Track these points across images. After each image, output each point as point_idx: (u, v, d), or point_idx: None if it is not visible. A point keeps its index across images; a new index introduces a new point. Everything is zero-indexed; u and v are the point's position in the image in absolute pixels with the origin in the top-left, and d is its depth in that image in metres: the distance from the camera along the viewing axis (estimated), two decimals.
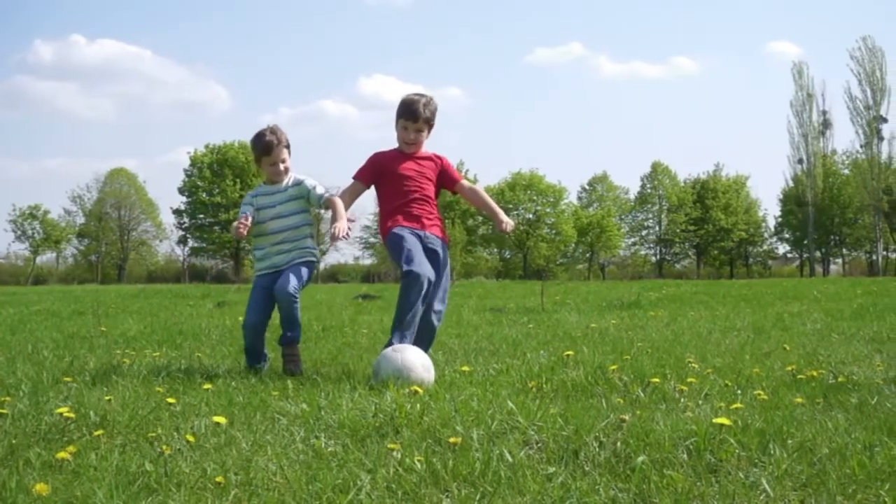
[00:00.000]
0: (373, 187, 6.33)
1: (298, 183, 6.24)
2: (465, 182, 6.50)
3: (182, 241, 79.78)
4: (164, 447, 3.46)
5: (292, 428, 3.92)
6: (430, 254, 5.97)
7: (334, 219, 5.93)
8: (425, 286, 5.69)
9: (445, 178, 6.36)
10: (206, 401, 4.67)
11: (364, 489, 2.89)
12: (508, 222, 6.13)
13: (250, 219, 6.06)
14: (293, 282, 6.03)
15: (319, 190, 6.22)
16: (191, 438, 3.64)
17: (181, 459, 3.31)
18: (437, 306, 6.07)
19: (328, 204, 6.12)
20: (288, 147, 6.25)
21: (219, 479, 3.00)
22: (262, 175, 6.39)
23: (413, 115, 6.12)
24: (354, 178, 6.29)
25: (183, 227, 78.41)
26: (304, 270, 6.21)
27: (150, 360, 6.84)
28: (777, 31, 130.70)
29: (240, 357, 7.00)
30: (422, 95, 6.21)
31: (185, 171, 77.69)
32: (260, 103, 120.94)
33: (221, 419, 3.93)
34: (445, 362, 6.45)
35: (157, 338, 8.99)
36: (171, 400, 4.54)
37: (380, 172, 6.21)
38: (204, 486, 2.99)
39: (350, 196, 6.23)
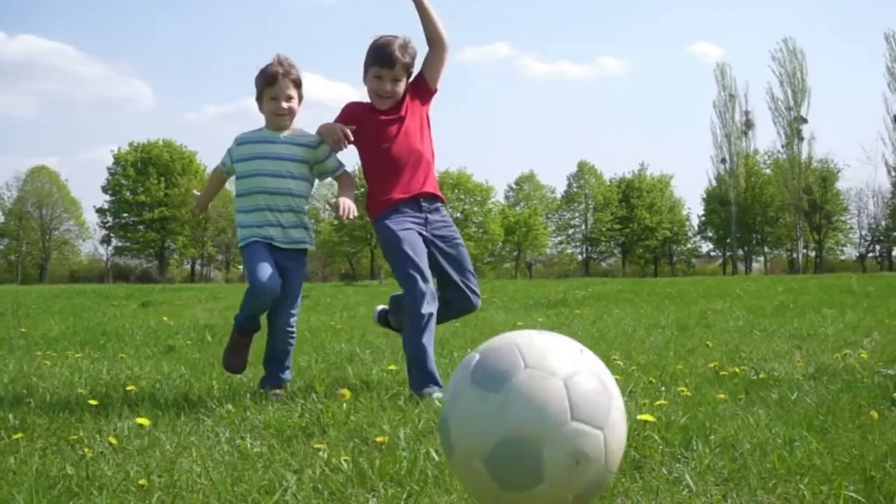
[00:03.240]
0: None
1: (305, 143, 5.11)
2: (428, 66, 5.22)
3: (106, 241, 78.57)
4: (86, 450, 3.41)
5: (217, 429, 3.88)
6: (440, 241, 5.11)
7: (343, 194, 5.04)
8: (435, 308, 4.88)
9: (425, 91, 5.24)
10: (130, 402, 4.61)
11: (290, 490, 2.87)
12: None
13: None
14: (294, 310, 5.16)
15: (337, 159, 5.20)
16: (113, 441, 3.59)
17: (103, 462, 3.27)
18: (471, 283, 5.19)
19: (343, 178, 5.23)
20: (298, 85, 5.16)
21: (142, 481, 2.96)
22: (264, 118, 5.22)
23: (388, 59, 4.95)
24: None
25: (106, 226, 77.17)
26: (301, 280, 5.23)
27: (73, 361, 6.73)
28: (700, 32, 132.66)
29: (164, 358, 6.92)
30: (395, 36, 5.04)
31: (109, 169, 76.52)
32: (185, 101, 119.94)
33: (145, 421, 3.88)
34: (373, 361, 6.44)
35: (80, 339, 8.85)
36: (93, 402, 4.47)
37: (358, 132, 5.08)
38: (127, 488, 2.94)
39: None
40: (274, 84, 5.06)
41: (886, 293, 16.30)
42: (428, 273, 4.94)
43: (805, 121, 74.62)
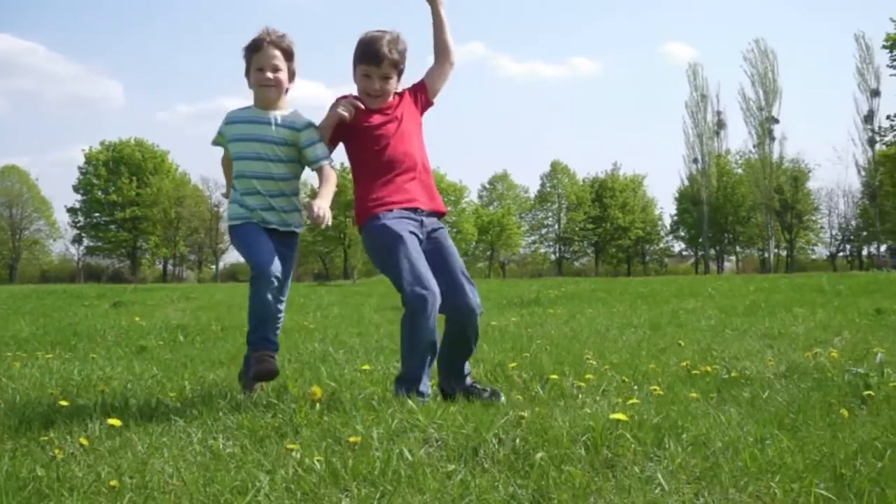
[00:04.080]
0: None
1: (294, 126, 4.75)
2: (430, 79, 5.04)
3: (77, 241, 78.01)
4: (57, 451, 3.38)
5: (189, 429, 3.86)
6: (433, 244, 4.72)
7: (320, 195, 4.58)
8: (436, 311, 4.48)
9: (424, 101, 5.00)
10: (101, 403, 4.59)
11: (263, 490, 2.86)
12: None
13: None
14: (283, 296, 4.83)
15: (322, 149, 4.75)
16: (84, 442, 3.57)
17: (74, 463, 3.24)
18: (469, 291, 4.65)
19: (322, 173, 4.73)
20: (288, 57, 4.80)
21: (113, 482, 2.95)
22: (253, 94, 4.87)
23: (375, 56, 4.66)
24: None
25: (78, 225, 76.62)
26: (293, 264, 4.98)
27: (43, 362, 6.68)
28: (672, 32, 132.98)
29: (136, 359, 6.88)
30: (384, 31, 4.75)
31: (80, 168, 75.96)
32: (157, 100, 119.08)
33: (116, 422, 3.86)
34: (346, 361, 6.43)
35: (51, 339, 8.79)
36: (64, 403, 4.44)
37: (347, 130, 4.77)
38: (98, 490, 2.93)
39: None
40: (259, 51, 4.72)
41: (857, 292, 16.42)
42: (427, 268, 4.49)
43: (776, 121, 75.09)
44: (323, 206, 4.46)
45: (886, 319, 9.87)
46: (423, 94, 4.97)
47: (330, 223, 4.52)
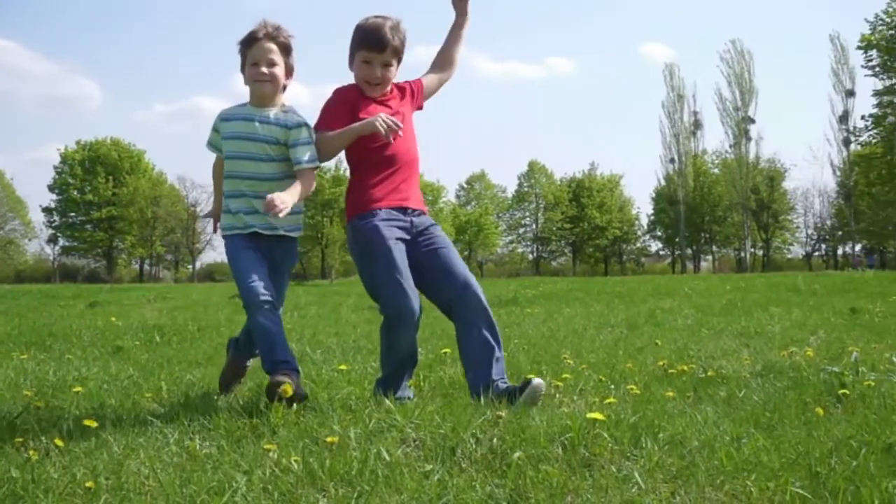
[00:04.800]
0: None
1: (286, 124, 4.51)
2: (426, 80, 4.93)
3: (52, 240, 77.57)
4: (32, 452, 3.35)
5: (166, 430, 3.84)
6: (426, 244, 4.55)
7: (287, 190, 4.28)
8: (415, 324, 4.44)
9: (418, 101, 4.87)
10: (77, 404, 4.56)
11: (240, 491, 2.85)
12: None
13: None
14: (278, 303, 4.43)
15: (309, 153, 4.47)
16: (59, 443, 3.54)
17: (49, 465, 3.22)
18: (471, 283, 4.49)
19: (300, 175, 4.45)
20: (285, 50, 4.58)
21: (89, 483, 2.93)
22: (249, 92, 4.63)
23: (378, 43, 4.48)
24: (320, 128, 4.56)
25: (53, 225, 76.21)
26: (288, 269, 4.73)
27: (18, 362, 6.64)
28: (650, 33, 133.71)
29: (112, 359, 6.84)
30: (385, 17, 4.56)
31: (56, 168, 75.58)
32: (133, 99, 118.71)
33: (91, 422, 3.83)
34: (323, 361, 6.42)
35: (26, 340, 8.72)
36: (39, 403, 4.42)
37: (349, 120, 4.49)
38: (73, 491, 2.91)
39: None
40: (253, 45, 4.49)
41: (832, 292, 16.52)
42: (410, 279, 4.39)
43: (752, 121, 75.62)
44: (281, 196, 4.15)
45: (861, 319, 9.94)
46: (419, 97, 4.84)
47: (282, 214, 4.14)
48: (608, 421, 3.59)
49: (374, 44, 4.49)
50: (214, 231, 4.78)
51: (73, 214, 75.39)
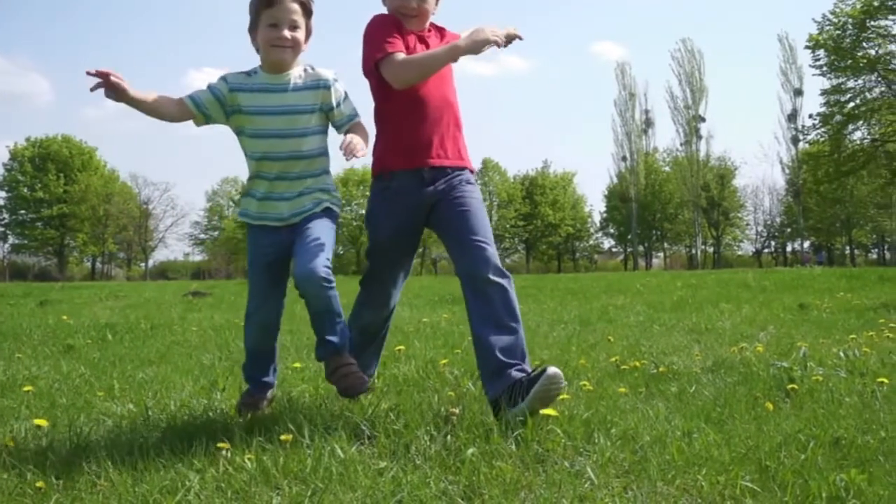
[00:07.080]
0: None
1: (319, 84, 3.90)
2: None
3: (2, 238, 76.60)
4: None
5: (118, 429, 3.82)
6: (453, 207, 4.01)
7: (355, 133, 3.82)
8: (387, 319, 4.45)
9: None
10: (27, 403, 4.52)
11: (193, 489, 2.84)
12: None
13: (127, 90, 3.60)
14: (321, 259, 3.68)
15: (350, 105, 3.99)
16: (10, 443, 3.51)
17: None
18: (478, 256, 4.15)
19: (356, 129, 3.93)
20: (307, 13, 3.90)
21: (39, 484, 2.91)
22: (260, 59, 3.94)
23: None
24: (389, 52, 3.85)
25: (2, 223, 75.26)
26: (330, 231, 3.88)
27: None
28: (601, 31, 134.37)
29: (64, 358, 6.78)
30: None
31: (5, 165, 74.65)
32: (85, 96, 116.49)
33: (42, 422, 3.80)
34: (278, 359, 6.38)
35: None
36: None
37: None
38: (24, 491, 2.88)
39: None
40: (274, 5, 3.79)
41: (781, 288, 16.72)
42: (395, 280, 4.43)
43: (703, 119, 76.26)
44: (356, 138, 3.71)
45: (810, 314, 10.07)
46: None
47: (360, 156, 3.66)
48: (561, 417, 3.62)
49: None
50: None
51: (23, 212, 74.41)
